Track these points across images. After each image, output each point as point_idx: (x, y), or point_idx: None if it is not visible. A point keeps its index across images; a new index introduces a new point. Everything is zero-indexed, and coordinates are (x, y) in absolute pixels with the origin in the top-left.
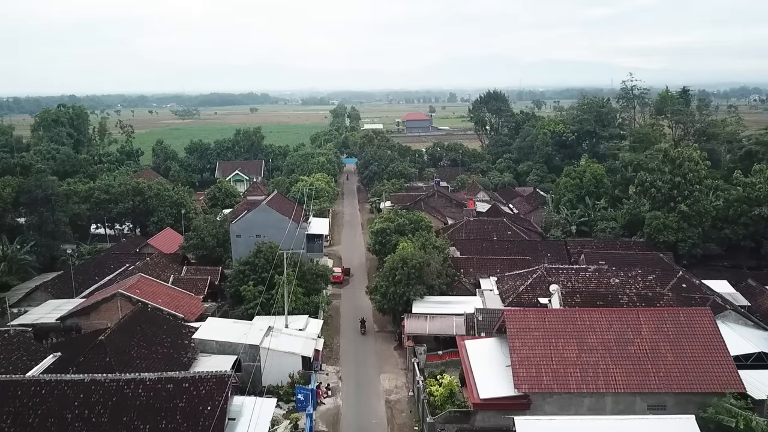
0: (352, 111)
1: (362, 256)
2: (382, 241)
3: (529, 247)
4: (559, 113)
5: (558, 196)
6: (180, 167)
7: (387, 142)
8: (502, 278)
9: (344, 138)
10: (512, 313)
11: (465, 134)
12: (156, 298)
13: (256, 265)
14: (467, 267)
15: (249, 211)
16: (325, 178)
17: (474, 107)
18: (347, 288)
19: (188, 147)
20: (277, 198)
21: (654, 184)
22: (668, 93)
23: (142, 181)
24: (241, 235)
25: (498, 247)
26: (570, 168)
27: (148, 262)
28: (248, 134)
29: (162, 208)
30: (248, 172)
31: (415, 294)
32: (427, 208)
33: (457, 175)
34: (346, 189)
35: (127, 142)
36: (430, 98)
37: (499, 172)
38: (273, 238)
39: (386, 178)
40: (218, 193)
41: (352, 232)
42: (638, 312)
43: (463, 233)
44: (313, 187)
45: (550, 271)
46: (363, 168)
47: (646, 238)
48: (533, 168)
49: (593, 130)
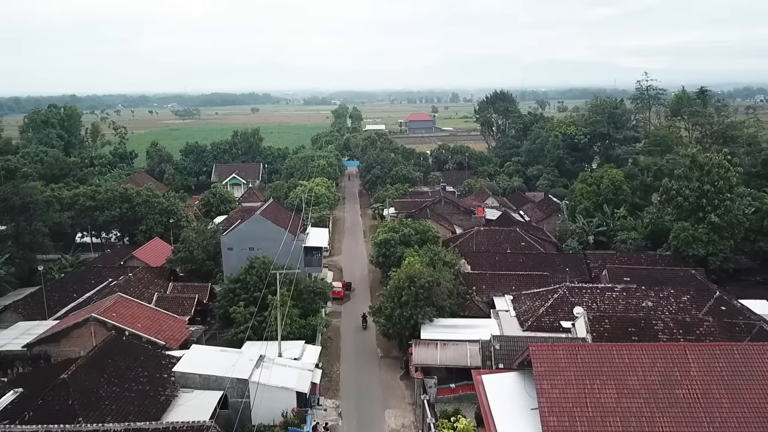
0: (354, 111)
1: (364, 268)
2: (386, 252)
3: (546, 260)
4: (569, 114)
5: (573, 204)
6: (175, 170)
7: (390, 145)
8: (518, 297)
9: (346, 140)
10: (539, 348)
11: (469, 135)
12: (134, 323)
13: (248, 282)
14: (479, 283)
15: (243, 220)
16: (326, 183)
17: (480, 108)
18: (348, 304)
19: (184, 149)
20: (272, 207)
21: (680, 192)
22: (685, 93)
23: (130, 187)
24: (233, 248)
25: (512, 261)
26: (586, 173)
27: (130, 279)
28: (246, 136)
29: (151, 216)
30: (246, 176)
31: (424, 317)
32: (433, 216)
33: (463, 179)
34: (347, 193)
35: (120, 144)
36: (432, 98)
37: (508, 177)
38: (268, 251)
39: (389, 183)
40: (212, 199)
41: (354, 240)
42: (685, 348)
43: (473, 244)
44: (312, 193)
45: (572, 291)
46: (365, 171)
47: (672, 251)
48: (543, 172)
49: (607, 132)
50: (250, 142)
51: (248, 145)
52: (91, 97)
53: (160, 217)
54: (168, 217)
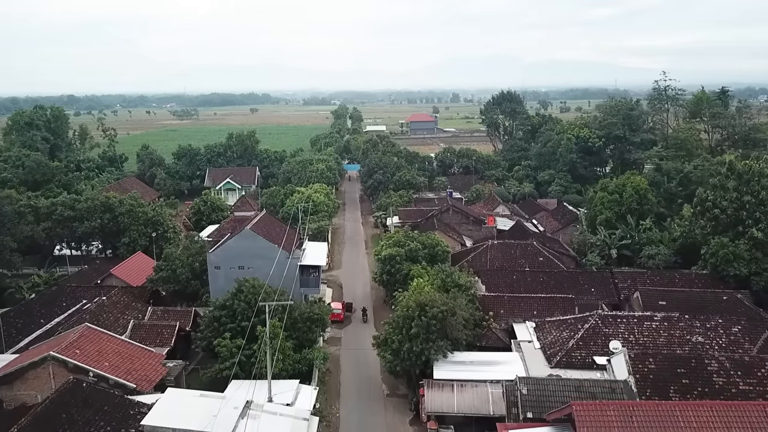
0: (354, 112)
1: (366, 284)
2: (391, 270)
3: (569, 280)
4: (579, 116)
5: (593, 213)
6: (167, 174)
7: (392, 148)
8: (542, 325)
9: (346, 142)
10: (585, 409)
11: (472, 137)
12: (101, 361)
13: (235, 310)
14: (497, 307)
15: (232, 234)
16: (325, 189)
17: (486, 109)
18: (349, 328)
19: (176, 152)
20: (265, 219)
21: (717, 203)
22: (704, 94)
23: (113, 196)
24: (220, 267)
25: (531, 280)
26: (606, 181)
27: (104, 303)
28: (242, 138)
29: (134, 227)
30: (241, 180)
31: (437, 352)
32: (440, 226)
33: (470, 184)
34: (347, 198)
35: (109, 146)
36: (433, 98)
37: (518, 182)
38: (259, 270)
39: (392, 189)
40: (203, 207)
41: (355, 252)
42: (765, 407)
43: (486, 260)
44: (310, 201)
45: (605, 320)
46: (366, 176)
47: (710, 270)
48: (556, 177)
49: (623, 135)
50: (245, 144)
51: (244, 148)
52: (90, 97)
53: (145, 229)
54: (154, 228)
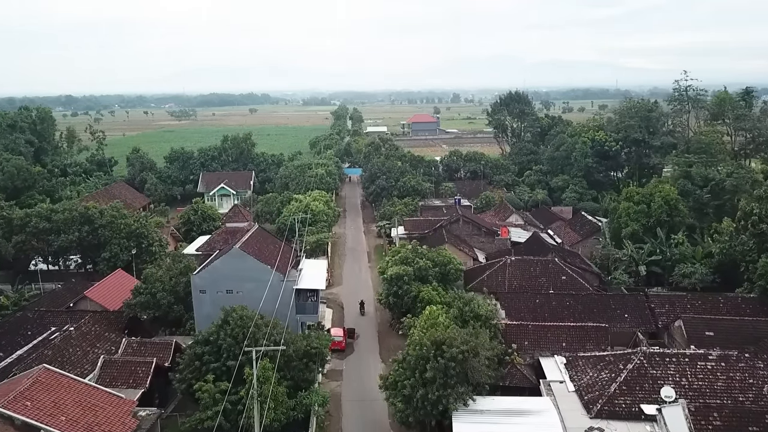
0: (355, 113)
1: (370, 305)
2: (398, 291)
3: (599, 303)
4: (591, 117)
5: (617, 225)
6: (158, 179)
7: (396, 151)
8: (574, 362)
9: (347, 144)
10: None
11: (475, 138)
12: (57, 415)
13: (220, 346)
14: (520, 338)
15: (220, 252)
16: (324, 197)
17: (493, 110)
18: (352, 358)
19: (168, 155)
20: (256, 236)
21: (764, 217)
22: (727, 94)
23: (93, 206)
24: (206, 291)
25: (557, 305)
26: (631, 189)
27: (70, 335)
28: (237, 141)
29: (116, 240)
30: (236, 185)
31: (457, 399)
32: (450, 238)
33: (479, 190)
34: (348, 204)
35: (98, 150)
36: (433, 99)
37: (529, 188)
38: (250, 295)
39: (396, 195)
40: (194, 216)
41: (357, 265)
42: None
43: (504, 280)
44: (308, 210)
45: (651, 359)
46: (368, 182)
47: (759, 293)
48: (570, 183)
49: (642, 138)
50: (241, 147)
51: (239, 152)
52: (88, 97)
53: (127, 242)
54: (138, 242)
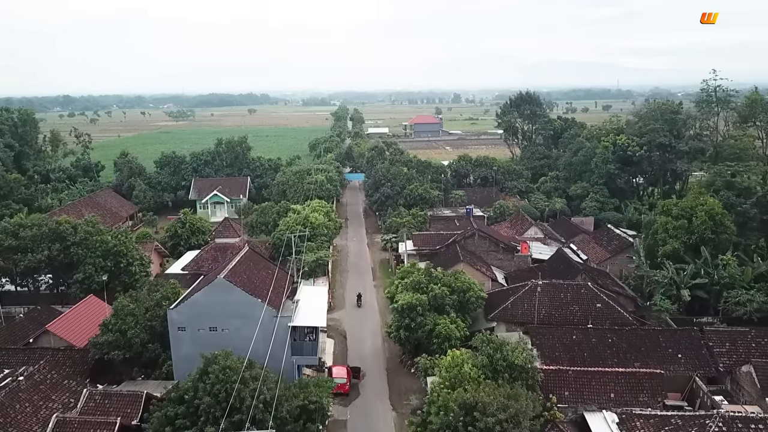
0: (355, 113)
1: (377, 336)
2: (411, 324)
3: (646, 340)
4: (608, 119)
5: (652, 242)
6: (147, 185)
7: (401, 156)
8: (629, 421)
9: (348, 148)
10: None
11: (479, 139)
12: None
13: (198, 406)
14: (559, 388)
15: (205, 277)
16: (325, 207)
17: (503, 111)
18: (357, 403)
19: (159, 160)
20: (246, 260)
21: None
22: (758, 95)
23: (65, 221)
24: (185, 328)
25: (597, 342)
26: (669, 202)
27: (19, 386)
28: (231, 145)
29: (90, 260)
30: (230, 192)
31: None
32: (465, 256)
33: (490, 198)
34: (350, 212)
35: (83, 154)
36: (434, 99)
37: (545, 196)
38: (237, 333)
39: (403, 204)
40: (181, 230)
41: (361, 283)
42: None
43: (532, 308)
44: (307, 223)
45: (731, 424)
46: (372, 189)
47: None
48: (590, 191)
49: (668, 142)
50: (236, 152)
51: (234, 156)
52: (86, 97)
53: (103, 262)
54: (116, 261)
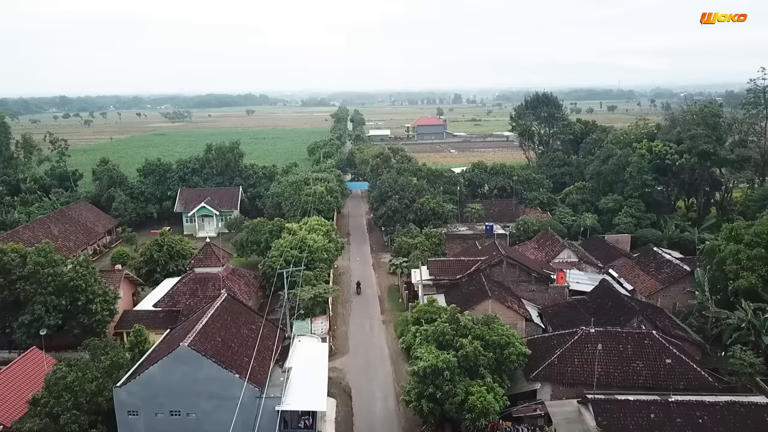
0: (356, 115)
1: (389, 394)
2: (435, 394)
3: (746, 419)
4: (635, 122)
5: (718, 273)
6: (128, 196)
7: (409, 163)
8: None
9: (350, 154)
10: None
11: (485, 142)
12: None
13: None
14: None
15: (169, 342)
16: (325, 225)
17: (518, 114)
18: None
19: (142, 168)
20: (222, 315)
21: None
22: None
23: (12, 249)
24: (138, 412)
25: (683, 422)
26: (739, 225)
27: None
28: (222, 151)
29: (41, 297)
30: (220, 204)
31: None
32: (492, 289)
33: (510, 211)
34: (352, 225)
35: (59, 161)
36: (434, 99)
37: (571, 209)
38: (208, 419)
39: (413, 220)
40: (157, 254)
41: (367, 319)
42: None
43: (588, 367)
44: (304, 247)
45: None
46: (377, 201)
47: None
48: (623, 204)
49: (712, 149)
50: (227, 159)
51: (225, 164)
52: (83, 98)
53: (57, 300)
54: (73, 297)
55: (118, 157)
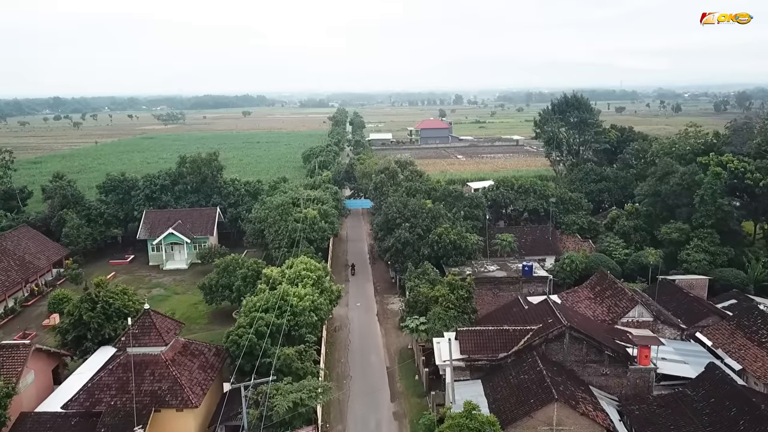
0: (356, 117)
1: None
2: None
3: None
4: (684, 130)
5: None
6: (84, 219)
7: (421, 182)
8: None
9: (349, 165)
10: None
11: (493, 146)
12: None
13: None
14: None
15: None
16: (316, 271)
17: (543, 118)
18: None
19: (102, 185)
20: None
21: None
22: None
23: None
24: None
25: None
26: None
27: None
28: (197, 165)
29: None
30: (193, 228)
31: None
32: (554, 379)
33: (546, 241)
34: (351, 251)
35: (2, 177)
36: (434, 100)
37: (622, 240)
38: None
39: (428, 256)
40: (89, 314)
41: (372, 409)
42: None
43: None
44: (286, 307)
45: None
46: (383, 230)
47: None
48: (692, 235)
49: None
50: (203, 174)
51: (201, 179)
52: (78, 99)
53: None
54: None
55: (98, 164)
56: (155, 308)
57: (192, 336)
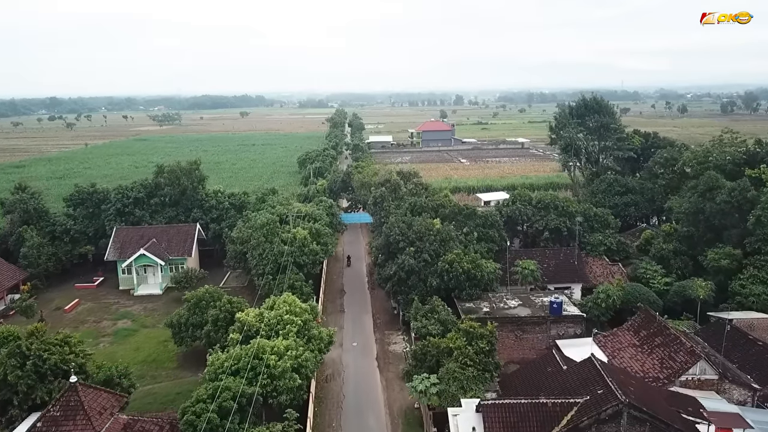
0: (355, 119)
1: None
2: None
3: None
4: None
5: None
6: (48, 237)
7: (426, 194)
8: None
9: (346, 174)
10: None
11: (498, 149)
12: None
13: None
14: None
15: None
16: (302, 313)
17: (559, 123)
18: None
19: (70, 197)
20: None
21: None
22: None
23: None
24: None
25: None
26: None
27: None
28: (176, 175)
29: None
30: (169, 248)
31: None
32: None
33: (571, 266)
34: (348, 275)
35: None
36: (435, 100)
37: (660, 265)
38: None
39: (437, 287)
40: (15, 373)
41: None
42: None
43: None
44: (261, 366)
45: None
46: (383, 254)
47: None
48: (744, 263)
49: None
50: (182, 185)
51: (180, 191)
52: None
53: None
54: None
55: (83, 168)
56: (119, 344)
57: (156, 386)
